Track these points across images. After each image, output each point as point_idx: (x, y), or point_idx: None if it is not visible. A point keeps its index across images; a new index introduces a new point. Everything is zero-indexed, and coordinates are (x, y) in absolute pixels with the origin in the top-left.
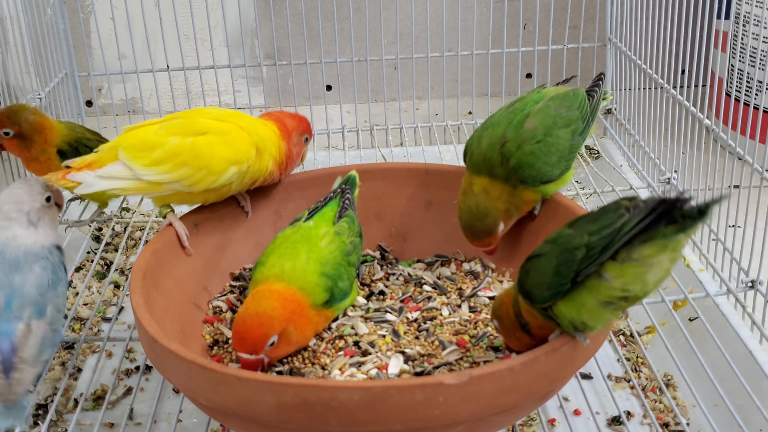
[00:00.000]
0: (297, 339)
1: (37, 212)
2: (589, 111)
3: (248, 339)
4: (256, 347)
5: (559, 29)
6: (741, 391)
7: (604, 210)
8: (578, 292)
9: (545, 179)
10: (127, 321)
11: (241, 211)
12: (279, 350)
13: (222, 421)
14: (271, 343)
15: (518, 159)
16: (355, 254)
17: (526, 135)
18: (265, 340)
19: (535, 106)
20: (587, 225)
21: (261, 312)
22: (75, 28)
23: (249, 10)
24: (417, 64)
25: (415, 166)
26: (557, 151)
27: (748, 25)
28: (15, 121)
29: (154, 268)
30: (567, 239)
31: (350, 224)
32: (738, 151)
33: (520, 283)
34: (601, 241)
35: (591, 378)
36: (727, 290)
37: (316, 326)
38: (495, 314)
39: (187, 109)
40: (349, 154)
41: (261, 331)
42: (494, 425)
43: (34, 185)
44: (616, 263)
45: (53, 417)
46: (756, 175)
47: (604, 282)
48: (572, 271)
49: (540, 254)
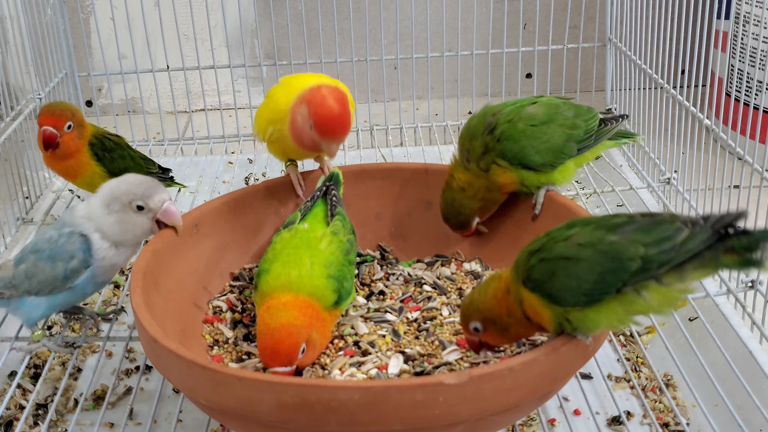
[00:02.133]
0: (320, 343)
1: (121, 205)
2: (595, 129)
3: (281, 351)
4: (290, 358)
5: (559, 29)
6: (741, 391)
7: (658, 221)
8: (609, 302)
9: (525, 162)
10: (127, 321)
11: (240, 212)
12: (307, 358)
13: (222, 421)
14: (302, 351)
15: (505, 130)
16: (353, 252)
17: (524, 114)
18: (297, 349)
19: (545, 99)
20: (639, 235)
21: (286, 323)
22: (75, 28)
23: (249, 10)
24: (417, 64)
25: (415, 166)
26: (548, 142)
27: (748, 25)
28: (73, 113)
29: (154, 268)
30: (616, 247)
31: (343, 222)
32: (738, 151)
33: (537, 282)
34: (662, 255)
35: (591, 378)
36: (727, 290)
37: (330, 327)
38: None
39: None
40: (349, 154)
41: (291, 340)
42: (494, 425)
43: (140, 186)
44: (661, 285)
45: (53, 417)
46: (756, 175)
47: (641, 299)
48: (620, 281)
49: (573, 257)
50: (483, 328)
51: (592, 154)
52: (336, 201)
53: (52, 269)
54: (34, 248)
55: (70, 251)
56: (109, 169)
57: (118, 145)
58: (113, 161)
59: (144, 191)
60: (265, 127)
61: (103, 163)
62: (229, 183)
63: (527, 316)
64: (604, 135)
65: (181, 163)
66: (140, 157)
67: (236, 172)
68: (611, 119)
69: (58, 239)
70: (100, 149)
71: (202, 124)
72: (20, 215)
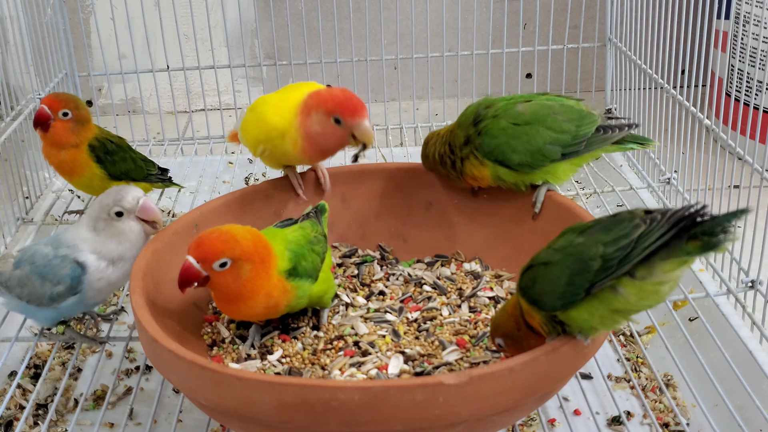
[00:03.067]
0: (247, 283)
1: (104, 221)
2: (587, 135)
3: (204, 246)
4: (206, 257)
5: (559, 29)
6: (741, 391)
7: (618, 220)
8: (590, 302)
9: (501, 159)
10: (127, 321)
11: (240, 212)
12: (224, 278)
13: (222, 421)
14: (221, 264)
15: (488, 125)
16: (319, 245)
17: (510, 112)
18: (219, 256)
19: (542, 98)
20: (601, 235)
21: (231, 232)
22: (75, 28)
23: (249, 10)
24: (417, 64)
25: (415, 166)
26: (528, 142)
27: (748, 25)
28: (76, 105)
29: (154, 268)
30: (580, 249)
31: (313, 224)
32: (738, 151)
33: (524, 289)
34: (618, 252)
35: (591, 378)
36: (727, 290)
37: (271, 291)
38: (498, 333)
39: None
40: (349, 154)
41: (220, 245)
42: (494, 425)
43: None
44: (635, 280)
45: (53, 417)
46: (756, 175)
47: (619, 296)
48: (587, 281)
49: (548, 262)
50: (505, 344)
51: (591, 157)
52: (312, 215)
53: (41, 287)
54: (32, 258)
55: (59, 276)
56: (110, 172)
57: (120, 148)
58: (115, 164)
59: (115, 197)
60: (255, 146)
61: (104, 166)
62: (229, 183)
63: (529, 325)
64: (600, 142)
65: (181, 163)
66: (141, 158)
67: (236, 172)
68: (616, 127)
69: (52, 259)
70: (102, 152)
71: (202, 124)
72: (20, 215)
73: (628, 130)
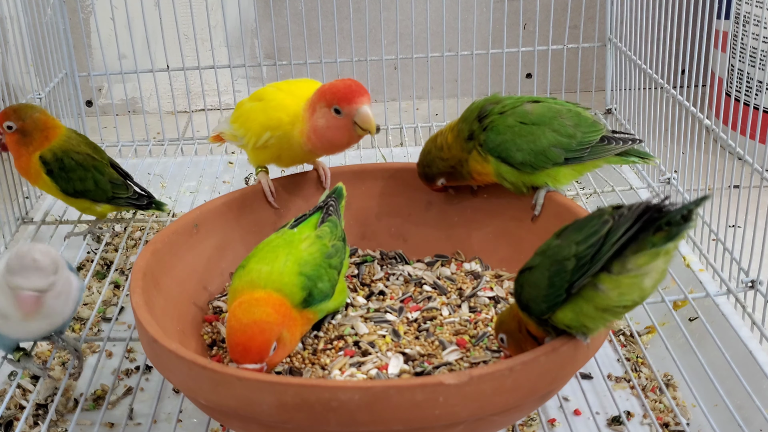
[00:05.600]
0: (291, 342)
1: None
2: (592, 143)
3: (252, 348)
4: (261, 355)
5: (559, 29)
6: (741, 391)
7: (588, 218)
8: (575, 302)
9: (504, 156)
10: (127, 321)
11: (240, 212)
12: (277, 357)
13: (222, 421)
14: (273, 349)
15: (494, 121)
16: (337, 257)
17: (518, 110)
18: (269, 346)
19: (550, 101)
20: (573, 234)
21: (258, 320)
22: (75, 28)
23: (249, 10)
24: (417, 64)
25: (415, 166)
26: (533, 142)
27: (748, 25)
28: (20, 116)
29: (154, 268)
30: (556, 250)
31: (332, 228)
32: (738, 151)
33: (516, 296)
34: (589, 249)
35: (591, 378)
36: (727, 290)
37: (300, 328)
38: (501, 329)
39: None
40: (349, 154)
41: (263, 337)
42: (494, 425)
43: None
44: (612, 275)
45: (53, 417)
46: (756, 175)
47: (600, 293)
48: (565, 282)
49: (531, 267)
50: (507, 341)
51: (593, 166)
52: (333, 211)
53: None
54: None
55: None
56: (63, 188)
57: (80, 165)
58: (69, 181)
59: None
60: (260, 133)
61: (56, 181)
62: (229, 183)
63: (529, 331)
64: (603, 152)
65: (181, 163)
66: (110, 180)
67: (236, 172)
68: (620, 139)
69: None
70: (56, 166)
71: (202, 124)
72: (20, 215)
73: (632, 144)
